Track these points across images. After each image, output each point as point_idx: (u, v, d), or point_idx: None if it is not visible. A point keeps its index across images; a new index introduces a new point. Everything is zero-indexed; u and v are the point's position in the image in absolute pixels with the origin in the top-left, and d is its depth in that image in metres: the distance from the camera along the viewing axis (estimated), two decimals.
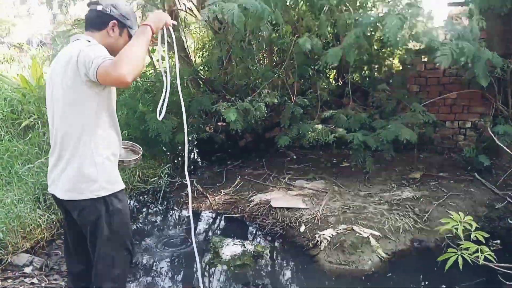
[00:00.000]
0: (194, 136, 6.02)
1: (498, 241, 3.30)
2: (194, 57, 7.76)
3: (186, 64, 5.99)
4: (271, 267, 3.17)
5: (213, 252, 3.29)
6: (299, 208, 3.96)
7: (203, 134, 5.56)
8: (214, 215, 4.15)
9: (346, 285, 2.89)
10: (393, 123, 4.34)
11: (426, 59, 5.09)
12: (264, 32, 4.82)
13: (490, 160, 4.44)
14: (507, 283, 2.31)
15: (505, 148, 3.91)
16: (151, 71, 6.08)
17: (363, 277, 2.96)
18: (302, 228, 3.60)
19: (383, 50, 5.70)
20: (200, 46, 7.95)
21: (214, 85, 5.64)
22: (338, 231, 3.38)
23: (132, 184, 4.73)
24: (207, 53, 7.39)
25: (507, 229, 3.50)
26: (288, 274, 3.14)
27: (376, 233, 3.38)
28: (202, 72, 6.41)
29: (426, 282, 2.92)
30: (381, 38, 4.51)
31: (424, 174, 4.64)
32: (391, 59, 5.86)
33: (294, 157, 5.68)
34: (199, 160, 6.44)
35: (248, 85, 5.50)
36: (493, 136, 4.00)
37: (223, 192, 4.57)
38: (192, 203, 4.40)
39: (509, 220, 3.56)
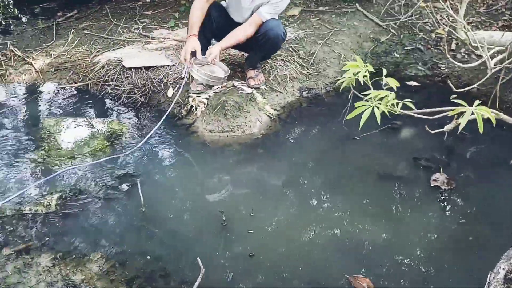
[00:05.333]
0: None
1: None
2: None
3: None
4: (136, 149, 2.38)
5: (47, 141, 2.34)
6: (163, 66, 3.05)
7: None
8: (43, 88, 2.99)
9: (234, 155, 2.32)
10: None
11: None
12: None
13: None
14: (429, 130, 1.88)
15: None
16: None
17: (252, 142, 2.41)
18: (170, 92, 2.78)
19: None
20: None
21: None
22: (216, 90, 2.66)
23: None
24: None
25: (394, 63, 3.21)
26: (161, 154, 2.39)
27: (262, 86, 2.76)
28: None
29: (324, 134, 2.52)
30: None
31: (303, 10, 4.00)
32: None
33: (148, 0, 4.44)
34: (18, 13, 4.70)
35: None
36: None
37: (54, 55, 3.32)
38: (8, 74, 3.11)
39: (395, 53, 3.26)
